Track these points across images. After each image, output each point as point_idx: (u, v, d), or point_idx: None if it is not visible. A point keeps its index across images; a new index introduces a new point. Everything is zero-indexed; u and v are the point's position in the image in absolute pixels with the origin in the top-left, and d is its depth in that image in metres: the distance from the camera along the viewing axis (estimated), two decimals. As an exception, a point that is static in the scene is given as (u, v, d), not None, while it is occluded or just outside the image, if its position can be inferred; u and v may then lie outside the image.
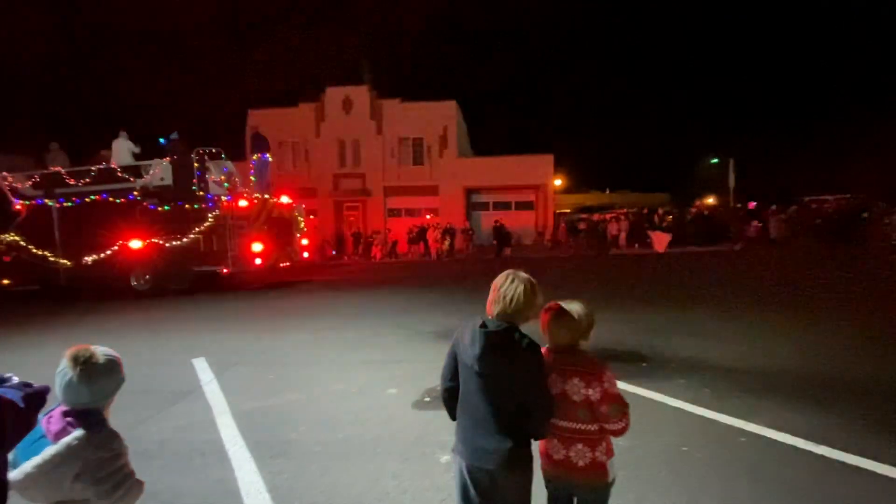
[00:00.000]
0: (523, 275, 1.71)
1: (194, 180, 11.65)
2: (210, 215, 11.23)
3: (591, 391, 1.70)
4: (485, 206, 26.44)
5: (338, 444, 3.43)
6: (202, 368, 5.34)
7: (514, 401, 1.63)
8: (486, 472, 1.62)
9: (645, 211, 24.66)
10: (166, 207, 11.48)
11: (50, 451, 1.33)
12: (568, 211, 29.63)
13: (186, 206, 11.42)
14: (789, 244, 18.43)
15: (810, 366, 4.72)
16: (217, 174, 12.46)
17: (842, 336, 5.80)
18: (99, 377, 1.45)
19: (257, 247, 11.40)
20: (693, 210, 24.23)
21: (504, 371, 1.62)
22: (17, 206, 12.02)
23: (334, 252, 22.32)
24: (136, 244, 11.36)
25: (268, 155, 13.84)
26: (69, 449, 1.34)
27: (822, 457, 2.98)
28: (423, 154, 25.75)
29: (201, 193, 11.61)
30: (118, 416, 4.10)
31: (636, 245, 20.97)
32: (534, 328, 1.86)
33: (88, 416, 1.43)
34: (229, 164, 13.56)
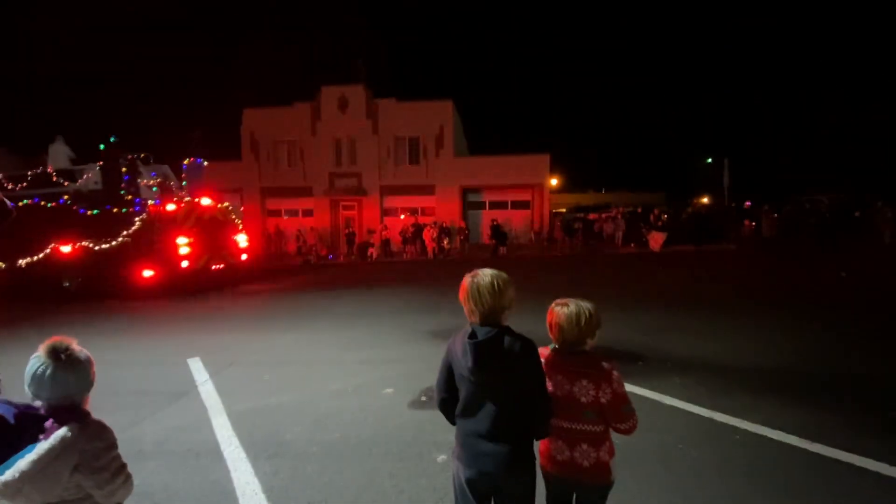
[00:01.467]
0: (487, 271, 1.68)
1: (122, 185, 12.08)
2: (137, 219, 11.48)
3: (600, 393, 1.69)
4: (481, 205, 26.43)
5: (334, 444, 3.42)
6: (197, 369, 5.31)
7: (514, 404, 1.62)
8: (488, 476, 1.61)
9: (640, 210, 24.76)
10: (95, 212, 11.77)
11: (43, 446, 1.31)
12: (564, 210, 29.70)
13: (115, 210, 11.72)
14: (782, 243, 18.56)
15: (804, 364, 4.75)
16: (150, 178, 12.92)
17: (835, 334, 5.85)
18: (79, 366, 1.45)
19: (184, 249, 11.59)
20: (688, 209, 24.35)
21: (500, 377, 1.61)
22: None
23: (330, 256, 22.22)
24: (66, 248, 11.53)
25: (202, 159, 14.11)
26: (63, 441, 1.33)
27: (817, 454, 3.00)
28: (420, 153, 25.72)
29: (129, 198, 11.99)
30: (112, 416, 4.08)
31: (632, 244, 21.05)
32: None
33: (74, 411, 1.43)
34: (166, 169, 13.83)
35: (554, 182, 28.79)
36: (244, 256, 13.62)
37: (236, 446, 3.43)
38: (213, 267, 12.55)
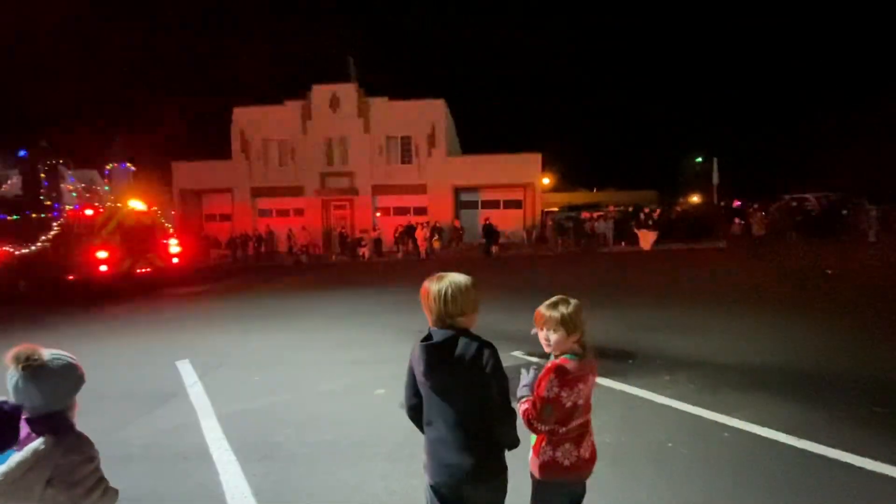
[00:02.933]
0: (446, 275, 1.65)
1: (42, 190, 12.28)
2: (55, 224, 11.64)
3: (587, 391, 1.75)
4: (474, 204, 26.45)
5: (324, 445, 3.40)
6: (186, 371, 5.25)
7: (476, 411, 1.56)
8: (451, 487, 1.57)
9: (631, 209, 24.94)
10: (15, 217, 11.96)
11: (15, 458, 1.27)
12: (556, 209, 29.80)
13: (34, 215, 11.90)
14: (771, 241, 18.81)
15: (792, 361, 4.82)
16: (76, 184, 13.32)
17: (822, 331, 5.93)
18: (47, 377, 1.37)
19: (102, 254, 11.68)
20: (678, 208, 24.58)
21: (455, 382, 1.55)
22: None
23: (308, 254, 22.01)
24: None
25: (127, 164, 14.31)
26: (36, 454, 1.29)
27: (805, 451, 3.04)
28: (412, 152, 25.66)
29: (48, 203, 12.18)
30: (99, 419, 4.00)
31: (623, 243, 21.19)
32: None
33: (52, 420, 1.38)
34: (93, 174, 14.51)
35: (546, 181, 28.91)
36: (175, 260, 13.80)
37: (225, 449, 3.39)
38: (139, 271, 12.68)
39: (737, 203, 24.16)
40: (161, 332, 7.47)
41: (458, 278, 1.63)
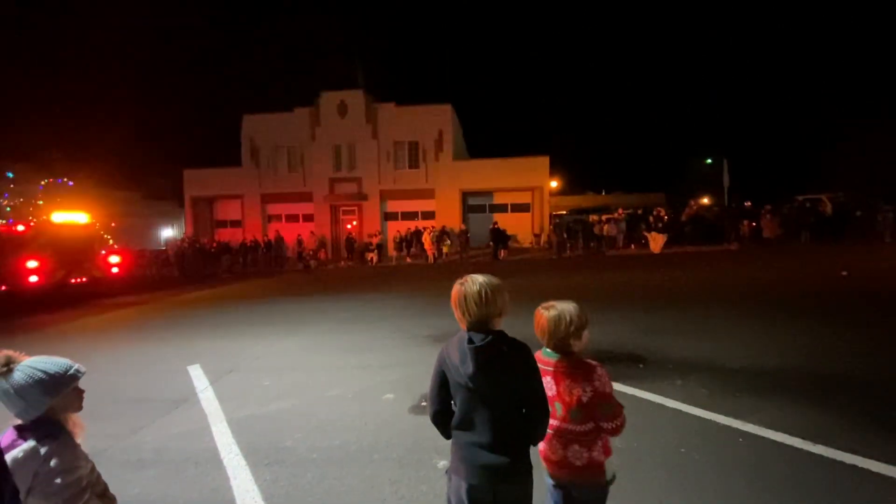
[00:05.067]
0: (477, 277, 1.66)
1: None
2: None
3: (581, 392, 1.71)
4: (482, 208, 26.46)
5: (334, 450, 3.41)
6: (197, 376, 5.30)
7: (514, 411, 1.60)
8: (489, 490, 1.59)
9: (640, 212, 24.75)
10: None
11: None
12: (564, 212, 29.69)
13: None
14: (783, 243, 18.54)
15: (806, 365, 4.73)
16: (10, 200, 14.07)
17: (836, 334, 5.81)
18: (15, 383, 1.35)
19: (32, 264, 12.14)
20: (688, 210, 24.34)
21: (500, 383, 1.58)
22: None
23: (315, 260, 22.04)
24: None
25: (63, 179, 14.89)
26: (14, 463, 1.27)
27: (820, 456, 2.98)
28: (419, 157, 25.77)
29: None
30: (112, 424, 4.05)
31: (632, 246, 21.02)
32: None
33: (40, 427, 1.36)
34: (34, 189, 14.79)
35: (554, 184, 28.81)
36: (114, 270, 14.28)
37: (236, 454, 3.41)
38: (73, 281, 13.12)
39: (748, 204, 23.85)
40: (171, 339, 7.55)
41: (492, 280, 1.66)
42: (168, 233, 35.41)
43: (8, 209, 14.17)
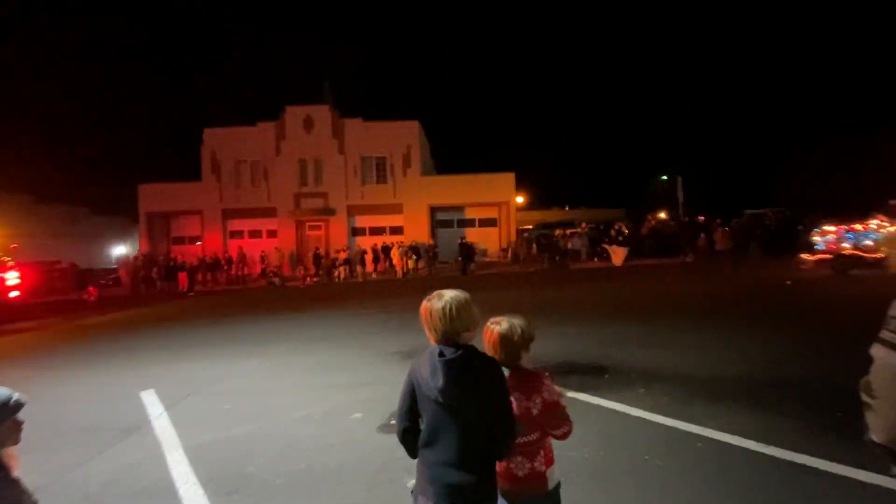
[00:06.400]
0: (445, 293, 1.67)
1: None
2: None
3: (531, 403, 1.74)
4: (449, 223, 26.67)
5: (300, 474, 3.29)
6: (151, 401, 5.00)
7: (482, 426, 1.59)
8: None
9: (602, 226, 25.62)
10: None
11: None
12: (531, 227, 30.32)
13: None
14: (733, 255, 19.61)
15: (758, 370, 4.98)
16: None
17: (784, 340, 6.17)
18: None
19: None
20: (647, 224, 25.42)
21: (470, 397, 1.58)
22: None
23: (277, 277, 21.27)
24: None
25: None
26: None
27: (774, 458, 3.13)
28: (387, 173, 25.78)
29: None
30: (55, 457, 3.77)
31: (595, 259, 21.67)
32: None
33: None
34: None
35: (520, 200, 29.44)
36: (14, 294, 13.95)
37: (193, 483, 3.23)
38: None
39: (701, 219, 25.16)
40: (122, 362, 7.12)
41: (459, 295, 1.66)
42: (120, 250, 33.58)
43: None
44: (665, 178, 32.87)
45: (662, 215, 32.47)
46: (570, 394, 4.37)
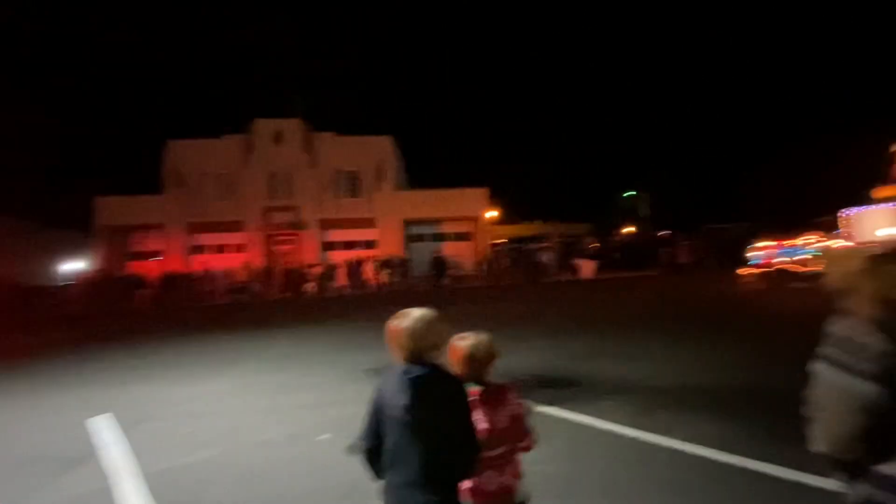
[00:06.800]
0: (412, 311, 1.68)
1: None
2: None
3: (497, 417, 1.76)
4: (423, 237, 26.70)
5: (264, 500, 3.16)
6: (103, 428, 4.72)
7: (446, 445, 1.59)
8: None
9: (573, 240, 26.26)
10: None
11: None
12: (504, 241, 30.73)
13: None
14: (695, 269, 20.45)
15: (717, 380, 5.18)
16: None
17: (739, 350, 6.45)
18: None
19: None
20: (615, 239, 26.22)
21: (434, 416, 1.58)
22: None
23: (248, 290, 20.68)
24: None
25: None
26: None
27: (729, 464, 3.24)
28: (360, 187, 25.68)
29: None
30: (-10, 494, 3.42)
31: (565, 272, 22.13)
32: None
33: None
34: None
35: (493, 214, 29.84)
36: None
37: (148, 514, 3.06)
38: None
39: (665, 233, 26.18)
40: (70, 386, 6.70)
41: (426, 313, 1.66)
42: (73, 266, 31.82)
43: None
44: (632, 194, 34.13)
45: (629, 230, 33.59)
46: (541, 408, 4.41)
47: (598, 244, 24.48)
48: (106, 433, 4.56)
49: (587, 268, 20.71)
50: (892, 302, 0.92)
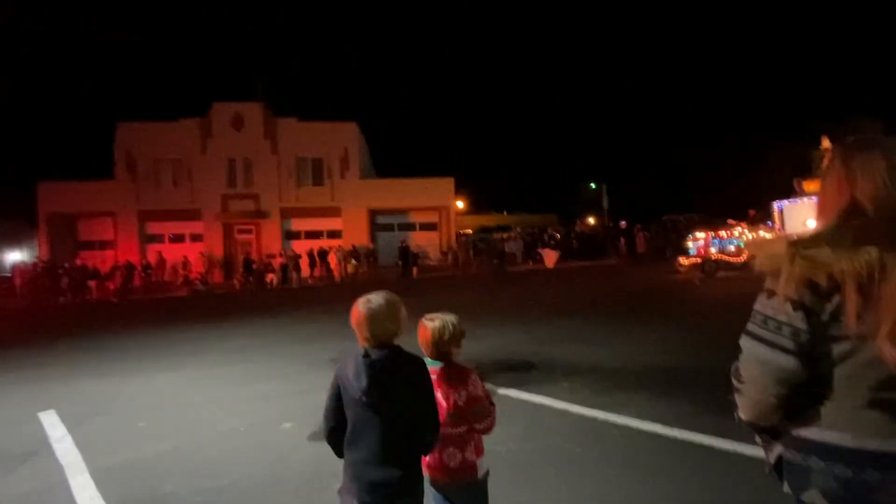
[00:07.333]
0: (373, 295, 1.73)
1: None
2: None
3: (457, 396, 1.84)
4: (390, 227, 26.47)
5: (223, 491, 3.14)
6: (52, 423, 4.51)
7: (406, 424, 1.65)
8: (381, 503, 1.62)
9: (537, 231, 26.78)
10: None
11: None
12: (470, 231, 30.95)
13: None
14: (651, 257, 21.37)
15: (666, 360, 5.51)
16: None
17: (688, 332, 6.88)
18: None
19: None
20: (576, 229, 26.95)
21: (394, 397, 1.63)
22: None
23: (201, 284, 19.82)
24: None
25: None
26: None
27: (678, 439, 3.48)
28: (324, 175, 25.09)
29: None
30: (-77, 493, 3.23)
31: (530, 262, 22.61)
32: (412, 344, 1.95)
33: None
34: None
35: (460, 204, 29.96)
36: None
37: (101, 508, 2.98)
38: None
39: (623, 224, 27.12)
40: (15, 380, 6.33)
41: (389, 297, 1.72)
42: (15, 256, 29.60)
43: None
44: (593, 185, 35.04)
45: (590, 220, 34.57)
46: (501, 390, 4.56)
47: (560, 234, 25.08)
48: (57, 428, 4.36)
49: (549, 257, 21.25)
50: (811, 283, 1.00)
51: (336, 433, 1.71)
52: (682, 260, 14.54)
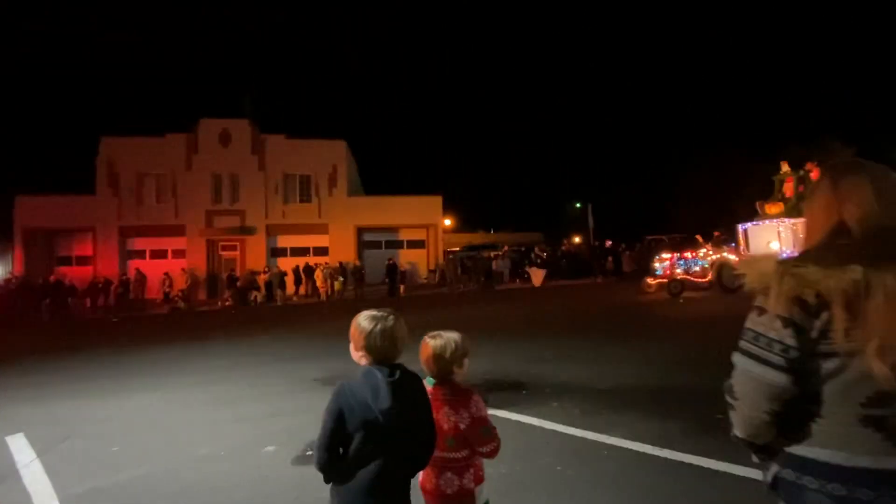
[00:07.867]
0: (382, 311, 1.67)
1: None
2: None
3: (459, 418, 1.77)
4: (377, 244, 26.37)
5: (201, 518, 2.99)
6: (20, 447, 4.28)
7: (410, 447, 1.59)
8: None
9: (524, 249, 26.96)
10: None
11: None
12: (458, 249, 31.00)
13: None
14: (637, 276, 21.63)
15: (655, 380, 5.51)
16: None
17: (676, 351, 6.90)
18: None
19: None
20: (563, 248, 27.21)
21: (410, 417, 1.58)
22: None
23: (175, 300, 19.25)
24: None
25: None
26: None
27: (668, 459, 3.45)
28: (311, 192, 25.01)
29: None
30: None
31: (517, 280, 22.67)
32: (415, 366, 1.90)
33: None
34: None
35: (448, 222, 30.06)
36: None
37: (68, 540, 2.80)
38: None
39: (609, 243, 27.48)
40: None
41: (392, 314, 1.67)
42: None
43: None
44: (578, 204, 35.56)
45: (577, 239, 34.97)
46: (491, 411, 4.47)
47: (547, 253, 25.28)
48: (25, 453, 4.14)
49: (536, 276, 21.35)
50: (800, 300, 1.01)
51: (337, 461, 1.59)
52: (650, 280, 14.80)
